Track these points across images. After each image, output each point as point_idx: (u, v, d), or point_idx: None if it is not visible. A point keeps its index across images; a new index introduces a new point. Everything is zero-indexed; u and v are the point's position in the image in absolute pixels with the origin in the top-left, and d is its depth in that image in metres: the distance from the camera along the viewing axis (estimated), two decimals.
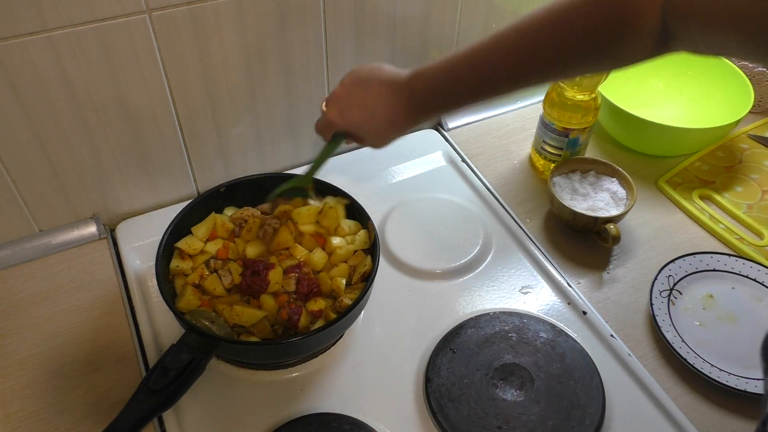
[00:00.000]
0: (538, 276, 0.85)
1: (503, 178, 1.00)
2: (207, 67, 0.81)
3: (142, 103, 0.80)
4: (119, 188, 0.87)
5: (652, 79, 1.11)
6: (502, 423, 0.68)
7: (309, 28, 0.85)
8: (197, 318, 0.68)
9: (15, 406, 0.70)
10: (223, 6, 0.76)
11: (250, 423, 0.69)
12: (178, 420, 0.69)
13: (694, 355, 0.75)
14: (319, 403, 0.71)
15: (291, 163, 0.99)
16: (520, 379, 0.72)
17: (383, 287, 0.81)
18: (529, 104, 1.13)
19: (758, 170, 1.01)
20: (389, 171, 1.00)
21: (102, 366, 0.73)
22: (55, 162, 0.80)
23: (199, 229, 0.77)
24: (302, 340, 0.67)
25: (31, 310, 0.79)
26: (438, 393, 0.70)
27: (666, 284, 0.82)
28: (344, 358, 0.75)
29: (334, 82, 0.92)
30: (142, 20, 0.73)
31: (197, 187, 0.94)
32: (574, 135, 0.93)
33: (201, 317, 0.69)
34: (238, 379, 0.73)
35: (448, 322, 0.78)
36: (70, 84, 0.74)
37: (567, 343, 0.75)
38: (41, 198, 0.82)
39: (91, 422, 0.68)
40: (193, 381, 0.63)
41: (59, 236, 0.86)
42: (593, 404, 0.70)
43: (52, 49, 0.70)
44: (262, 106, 0.89)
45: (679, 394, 0.73)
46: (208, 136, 0.88)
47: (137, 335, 0.77)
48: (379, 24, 0.90)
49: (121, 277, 0.83)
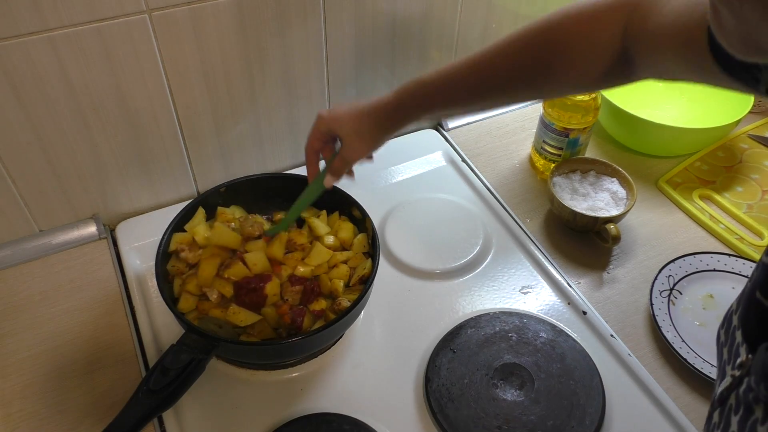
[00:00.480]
0: (538, 276, 0.85)
1: (503, 178, 1.00)
2: (207, 67, 0.81)
3: (142, 103, 0.80)
4: (119, 188, 0.87)
5: None
6: (502, 423, 0.68)
7: (309, 28, 0.85)
8: (207, 324, 0.68)
9: (15, 406, 0.70)
10: (223, 6, 0.76)
11: (250, 423, 0.69)
12: (178, 420, 0.69)
13: (694, 355, 0.75)
14: (319, 403, 0.71)
15: (291, 163, 0.99)
16: (520, 379, 0.72)
17: (383, 287, 0.81)
18: (530, 104, 1.13)
19: (758, 170, 1.01)
20: (389, 171, 1.00)
21: (102, 366, 0.73)
22: (55, 162, 0.80)
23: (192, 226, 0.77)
24: (302, 340, 0.67)
25: (31, 310, 0.79)
26: (438, 393, 0.70)
27: (666, 284, 0.82)
28: (344, 358, 0.75)
29: (333, 82, 0.93)
30: (142, 20, 0.73)
31: (197, 187, 0.94)
32: (574, 135, 0.93)
33: (210, 323, 0.69)
34: (238, 379, 0.73)
35: (448, 322, 0.78)
36: (70, 84, 0.74)
37: (567, 343, 0.75)
38: (41, 198, 0.82)
39: (91, 422, 0.68)
40: (193, 381, 0.63)
41: (59, 236, 0.86)
42: (593, 404, 0.70)
43: (52, 49, 0.70)
44: (262, 106, 0.89)
45: (679, 394, 0.73)
46: (208, 136, 0.88)
47: (137, 335, 0.77)
48: (379, 24, 0.90)
49: (121, 277, 0.83)
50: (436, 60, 0.99)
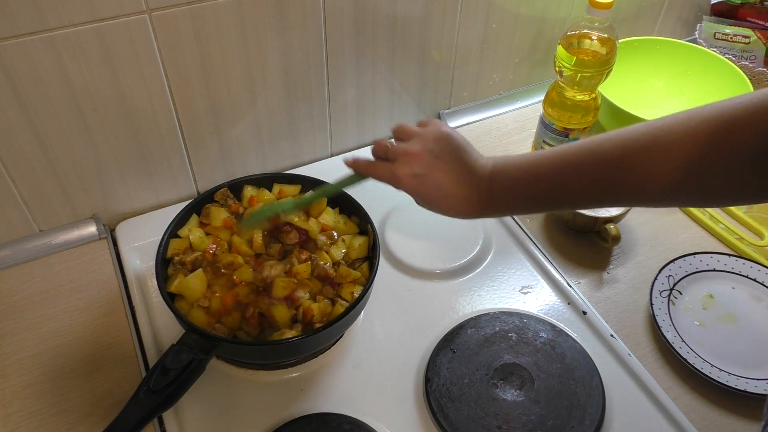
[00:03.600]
0: (538, 276, 0.85)
1: None
2: (207, 67, 0.81)
3: (142, 103, 0.80)
4: (119, 188, 0.87)
5: (652, 79, 1.11)
6: (502, 423, 0.68)
7: (309, 28, 0.85)
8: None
9: (15, 406, 0.70)
10: (223, 6, 0.76)
11: (250, 423, 0.69)
12: (178, 420, 0.69)
13: (694, 355, 0.75)
14: (319, 403, 0.71)
15: (291, 163, 0.99)
16: (520, 379, 0.72)
17: (383, 287, 0.81)
18: (529, 104, 1.13)
19: None
20: None
21: (102, 366, 0.73)
22: (55, 162, 0.80)
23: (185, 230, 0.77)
24: (302, 340, 0.67)
25: (31, 310, 0.79)
26: (438, 393, 0.70)
27: (666, 284, 0.82)
28: (344, 358, 0.75)
29: (333, 82, 0.92)
30: (142, 20, 0.73)
31: (197, 187, 0.94)
32: (574, 135, 0.93)
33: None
34: (238, 379, 0.73)
35: (448, 322, 0.78)
36: (70, 84, 0.74)
37: (567, 343, 0.75)
38: (41, 198, 0.82)
39: (91, 422, 0.68)
40: (193, 381, 0.63)
41: (59, 236, 0.86)
42: (593, 404, 0.70)
43: (52, 49, 0.70)
44: (262, 106, 0.89)
45: (679, 394, 0.73)
46: (208, 136, 0.88)
47: (137, 335, 0.77)
48: (379, 24, 0.90)
49: (121, 277, 0.83)
50: (436, 60, 0.99)
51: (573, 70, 0.86)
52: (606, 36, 0.86)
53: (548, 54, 1.11)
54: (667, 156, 0.53)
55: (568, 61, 0.86)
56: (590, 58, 0.86)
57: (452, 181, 0.60)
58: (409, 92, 1.01)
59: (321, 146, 1.00)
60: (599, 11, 0.83)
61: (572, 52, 0.86)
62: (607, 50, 0.86)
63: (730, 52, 1.15)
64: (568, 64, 0.86)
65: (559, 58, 0.87)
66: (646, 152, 0.54)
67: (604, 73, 0.87)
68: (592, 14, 0.84)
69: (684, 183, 0.53)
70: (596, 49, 0.86)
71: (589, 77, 0.87)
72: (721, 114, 0.51)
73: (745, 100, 0.50)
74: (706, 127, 0.51)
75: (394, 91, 0.99)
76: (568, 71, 0.87)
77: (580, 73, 0.86)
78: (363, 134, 1.02)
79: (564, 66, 0.87)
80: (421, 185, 0.61)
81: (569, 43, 0.86)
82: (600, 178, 0.56)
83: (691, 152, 0.51)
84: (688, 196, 0.56)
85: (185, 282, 0.70)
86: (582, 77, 0.87)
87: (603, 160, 0.56)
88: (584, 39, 0.86)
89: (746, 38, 1.15)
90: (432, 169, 0.60)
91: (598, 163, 0.56)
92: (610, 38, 0.86)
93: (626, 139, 0.55)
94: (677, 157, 0.52)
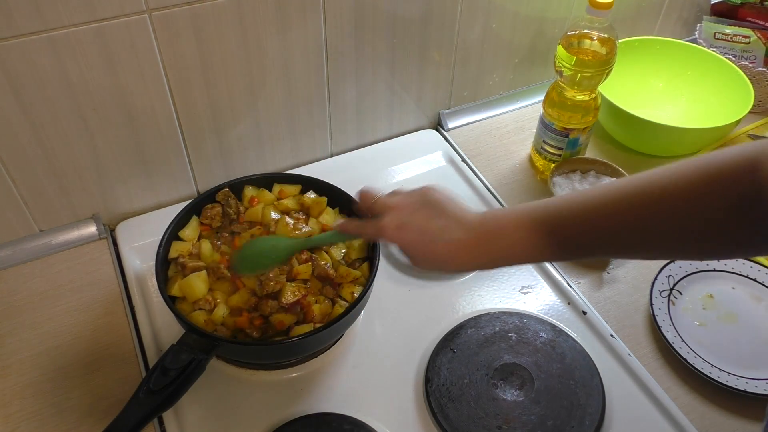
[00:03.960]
0: (538, 276, 0.85)
1: (503, 178, 1.00)
2: (207, 67, 0.81)
3: (142, 103, 0.80)
4: (119, 188, 0.87)
5: (652, 79, 1.11)
6: (502, 423, 0.68)
7: (309, 28, 0.85)
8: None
9: (15, 406, 0.70)
10: (223, 6, 0.76)
11: (250, 423, 0.69)
12: (178, 420, 0.69)
13: (694, 355, 0.75)
14: (319, 403, 0.71)
15: (291, 163, 0.99)
16: (520, 379, 0.72)
17: (383, 287, 0.81)
18: (529, 104, 1.13)
19: None
20: (389, 171, 0.99)
21: (102, 366, 0.73)
22: (55, 162, 0.80)
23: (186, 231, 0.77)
24: (302, 340, 0.67)
25: (31, 310, 0.79)
26: (438, 393, 0.70)
27: (666, 284, 0.82)
28: (344, 358, 0.75)
29: (333, 82, 0.92)
30: (142, 20, 0.73)
31: (197, 187, 0.94)
32: (574, 135, 0.93)
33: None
34: (238, 379, 0.73)
35: (448, 322, 0.78)
36: (70, 84, 0.74)
37: (567, 343, 0.75)
38: (41, 198, 0.82)
39: (91, 422, 0.68)
40: (193, 381, 0.63)
41: (59, 236, 0.86)
42: (593, 404, 0.70)
43: (52, 49, 0.70)
44: (262, 106, 0.89)
45: (679, 394, 0.73)
46: (208, 136, 0.88)
47: (137, 335, 0.77)
48: (379, 24, 0.90)
49: (121, 277, 0.83)
50: (436, 60, 0.99)
51: (573, 70, 0.86)
52: (606, 36, 0.86)
53: (548, 54, 1.11)
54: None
55: (568, 61, 0.86)
56: (590, 58, 0.86)
57: (437, 227, 0.59)
58: (409, 92, 1.01)
59: (321, 146, 1.00)
60: (599, 11, 0.83)
61: (572, 52, 0.86)
62: (607, 50, 0.86)
63: (730, 52, 1.15)
64: (568, 64, 0.86)
65: (559, 58, 0.87)
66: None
67: (604, 73, 0.87)
68: (592, 14, 0.84)
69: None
70: (596, 49, 0.86)
71: (589, 77, 0.87)
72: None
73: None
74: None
75: (394, 91, 0.99)
76: (568, 71, 0.87)
77: (580, 73, 0.86)
78: (363, 134, 1.02)
79: (564, 66, 0.87)
80: (405, 234, 0.60)
81: (569, 43, 0.87)
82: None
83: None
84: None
85: (187, 281, 0.70)
86: (582, 77, 0.87)
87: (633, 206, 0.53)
88: (584, 39, 0.86)
89: (746, 38, 1.15)
90: (415, 216, 0.61)
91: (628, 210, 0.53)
92: (610, 38, 0.86)
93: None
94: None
